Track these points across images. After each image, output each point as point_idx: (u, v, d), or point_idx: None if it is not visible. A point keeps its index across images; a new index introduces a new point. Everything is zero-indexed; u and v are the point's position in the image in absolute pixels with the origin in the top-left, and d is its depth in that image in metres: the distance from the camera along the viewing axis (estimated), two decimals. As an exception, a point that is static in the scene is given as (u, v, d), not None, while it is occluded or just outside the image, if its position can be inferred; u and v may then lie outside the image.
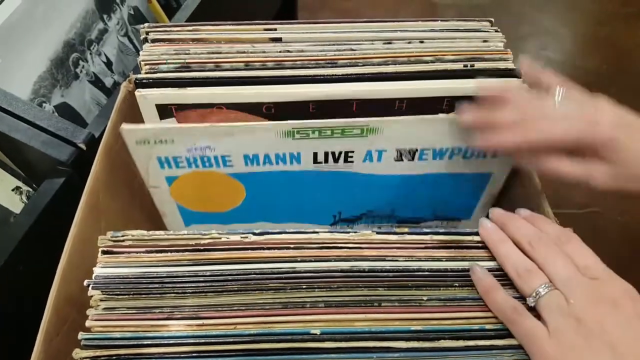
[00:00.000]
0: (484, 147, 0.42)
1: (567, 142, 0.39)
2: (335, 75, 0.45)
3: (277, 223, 0.55)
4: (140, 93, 0.45)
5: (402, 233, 0.37)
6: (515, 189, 0.50)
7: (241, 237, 0.36)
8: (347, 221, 0.56)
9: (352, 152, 0.47)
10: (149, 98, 0.45)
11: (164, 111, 0.46)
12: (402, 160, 0.48)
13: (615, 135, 0.38)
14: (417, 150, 0.47)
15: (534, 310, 0.33)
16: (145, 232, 0.36)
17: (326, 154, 0.47)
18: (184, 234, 0.36)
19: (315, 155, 0.47)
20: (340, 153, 0.47)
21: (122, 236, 0.36)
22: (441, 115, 0.45)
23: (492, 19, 0.51)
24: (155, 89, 0.45)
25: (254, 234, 0.36)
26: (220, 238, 0.36)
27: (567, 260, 0.34)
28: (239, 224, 0.55)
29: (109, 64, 0.69)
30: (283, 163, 0.47)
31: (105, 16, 0.68)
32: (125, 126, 0.43)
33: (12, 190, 0.53)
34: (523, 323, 0.33)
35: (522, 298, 0.34)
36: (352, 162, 0.48)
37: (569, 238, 0.36)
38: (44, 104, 0.60)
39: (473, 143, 0.43)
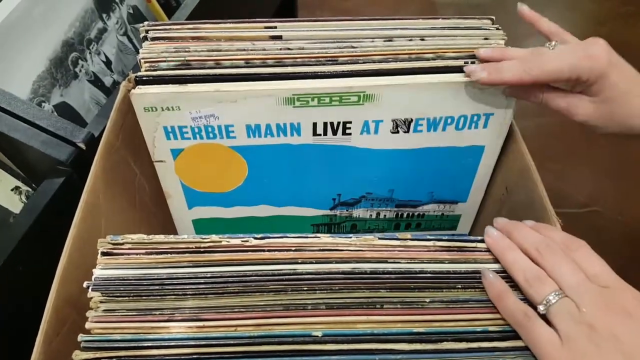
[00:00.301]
0: (489, 81, 0.43)
1: (567, 74, 0.42)
2: (336, 71, 0.45)
3: (278, 207, 0.56)
4: (140, 90, 0.44)
5: (405, 239, 0.36)
6: (518, 190, 0.50)
7: (242, 241, 0.36)
8: (346, 205, 0.57)
9: (350, 122, 0.48)
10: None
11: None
12: (397, 132, 0.49)
13: (609, 71, 0.41)
14: (412, 120, 0.48)
15: (544, 318, 0.33)
16: (144, 235, 0.36)
17: (325, 125, 0.48)
18: (185, 238, 0.36)
19: (314, 126, 0.48)
20: (338, 124, 0.48)
21: (122, 239, 0.36)
22: (433, 81, 0.45)
23: (494, 17, 0.51)
24: (154, 85, 0.45)
25: (255, 237, 0.36)
26: (220, 241, 0.36)
27: (575, 267, 0.34)
28: (240, 207, 0.56)
29: (108, 63, 0.69)
30: (284, 135, 0.48)
31: (104, 15, 0.68)
32: (134, 90, 0.44)
33: (12, 190, 0.53)
34: (534, 329, 0.32)
35: (529, 303, 0.34)
36: (350, 134, 0.49)
37: (578, 245, 0.35)
38: (43, 104, 0.59)
39: (480, 78, 0.44)
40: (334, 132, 0.48)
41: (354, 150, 0.50)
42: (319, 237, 0.36)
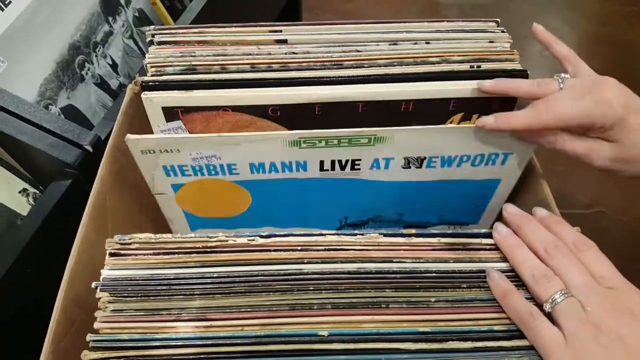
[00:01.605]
0: (497, 127, 0.42)
1: (578, 121, 0.40)
2: (341, 76, 0.45)
3: (283, 228, 0.55)
4: (146, 96, 0.45)
5: (410, 235, 0.37)
6: (524, 193, 0.50)
7: (248, 240, 0.36)
8: (353, 225, 0.56)
9: (359, 160, 0.47)
10: (155, 101, 0.45)
11: (170, 114, 0.46)
12: (409, 167, 0.48)
13: (625, 116, 0.39)
14: (425, 158, 0.47)
15: (549, 317, 0.33)
16: (152, 235, 0.36)
17: (332, 162, 0.47)
18: (191, 237, 0.36)
19: (321, 163, 0.47)
20: (347, 161, 0.47)
21: (130, 239, 0.36)
22: (451, 125, 0.45)
23: (499, 20, 0.51)
24: (161, 91, 0.45)
25: (261, 236, 0.36)
26: (227, 240, 0.36)
27: (582, 268, 0.34)
28: (244, 229, 0.55)
29: (114, 66, 0.70)
30: (289, 171, 0.48)
31: (110, 18, 0.69)
32: (130, 136, 0.43)
33: (19, 192, 0.53)
34: (539, 328, 0.32)
35: (534, 302, 0.34)
36: (359, 169, 0.48)
37: (587, 246, 0.35)
38: (50, 106, 0.60)
39: (486, 123, 0.43)
40: (342, 168, 0.48)
41: (363, 182, 0.49)
42: (324, 235, 0.37)
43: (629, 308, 0.32)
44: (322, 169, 0.48)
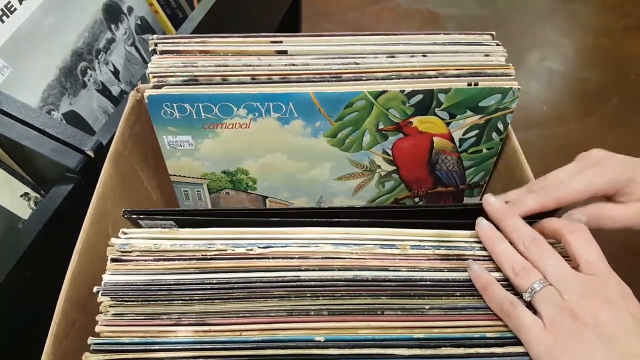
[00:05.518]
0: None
1: (588, 194, 0.40)
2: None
3: None
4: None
5: (404, 246, 0.37)
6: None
7: (246, 250, 0.37)
8: None
9: None
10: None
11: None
12: None
13: (631, 175, 0.39)
14: None
15: (530, 307, 0.34)
16: (151, 244, 0.37)
17: None
18: (190, 246, 0.37)
19: None
20: None
21: (130, 248, 0.37)
22: None
23: (494, 33, 0.52)
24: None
25: (259, 246, 0.37)
26: (226, 250, 0.37)
27: (560, 259, 0.35)
28: None
29: (116, 72, 0.70)
30: None
31: (113, 26, 0.69)
32: None
33: (21, 196, 0.54)
34: (519, 316, 0.34)
35: (518, 295, 0.35)
36: None
37: (578, 228, 0.36)
38: (52, 112, 0.61)
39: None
40: None
41: None
42: (320, 245, 0.37)
43: (605, 294, 0.33)
44: None
